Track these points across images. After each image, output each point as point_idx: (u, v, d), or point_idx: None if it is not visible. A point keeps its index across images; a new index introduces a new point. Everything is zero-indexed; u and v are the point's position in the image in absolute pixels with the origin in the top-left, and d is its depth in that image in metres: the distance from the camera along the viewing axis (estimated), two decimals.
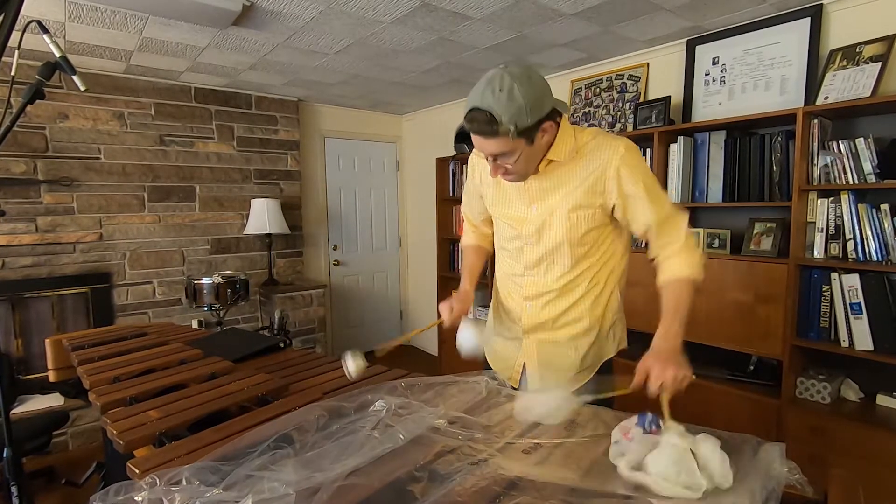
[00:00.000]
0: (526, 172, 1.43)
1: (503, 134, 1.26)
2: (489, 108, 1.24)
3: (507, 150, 1.31)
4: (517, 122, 1.25)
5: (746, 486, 0.88)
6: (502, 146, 1.30)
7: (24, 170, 3.41)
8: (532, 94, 1.26)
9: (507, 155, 1.33)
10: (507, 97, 1.23)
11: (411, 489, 0.93)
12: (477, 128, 1.29)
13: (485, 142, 1.31)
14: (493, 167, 1.39)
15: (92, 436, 3.46)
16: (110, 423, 1.31)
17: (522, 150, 1.32)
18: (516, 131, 1.26)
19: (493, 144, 1.31)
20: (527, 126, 1.27)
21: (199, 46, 3.18)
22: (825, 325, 2.36)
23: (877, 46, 2.33)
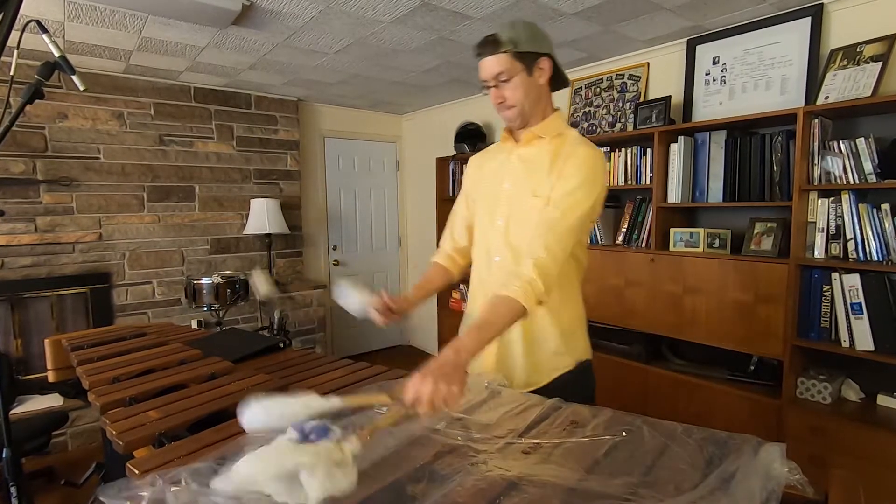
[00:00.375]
0: (521, 107, 1.49)
1: (504, 50, 1.40)
2: (494, 33, 1.42)
3: (506, 70, 1.43)
4: (517, 42, 1.40)
5: (746, 486, 0.86)
6: (503, 64, 1.42)
7: (24, 170, 3.40)
8: (532, 30, 1.44)
9: (507, 77, 1.44)
10: (509, 26, 1.43)
11: (411, 490, 0.92)
12: (482, 49, 1.44)
13: (488, 61, 1.44)
14: (494, 95, 1.49)
15: (91, 436, 3.46)
16: (110, 424, 1.30)
17: (520, 76, 1.44)
18: (515, 50, 1.40)
19: (494, 62, 1.43)
20: (525, 50, 1.42)
21: (199, 46, 3.18)
22: (826, 325, 2.36)
23: (877, 46, 2.33)
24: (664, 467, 0.97)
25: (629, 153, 3.18)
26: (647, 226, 3.06)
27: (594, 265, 3.26)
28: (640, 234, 3.13)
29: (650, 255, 2.95)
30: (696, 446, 1.03)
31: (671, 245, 2.90)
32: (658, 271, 2.91)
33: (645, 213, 3.10)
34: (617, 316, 3.15)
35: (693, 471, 0.95)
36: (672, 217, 3.02)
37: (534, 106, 1.50)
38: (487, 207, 1.61)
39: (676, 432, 1.08)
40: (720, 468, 0.93)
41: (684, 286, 2.80)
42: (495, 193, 1.59)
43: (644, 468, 0.97)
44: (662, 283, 2.89)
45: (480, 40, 1.45)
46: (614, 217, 3.38)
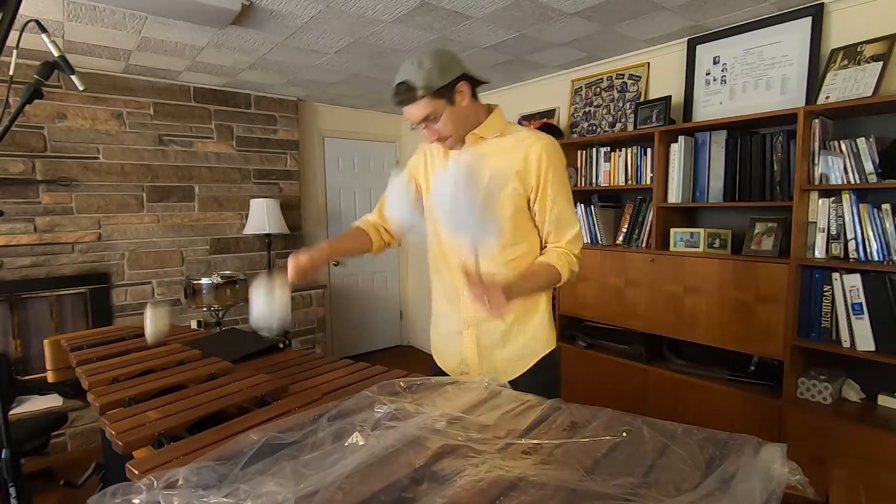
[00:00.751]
0: (458, 134, 1.53)
1: (420, 96, 1.42)
2: (405, 79, 1.43)
3: (430, 112, 1.45)
4: (430, 83, 1.41)
5: (747, 486, 0.86)
6: (425, 108, 1.45)
7: (23, 170, 3.39)
8: (439, 61, 1.44)
9: (433, 117, 1.47)
10: (416, 67, 1.42)
11: (411, 491, 0.92)
12: (400, 98, 1.45)
13: (410, 108, 1.46)
14: (428, 134, 1.52)
15: (90, 436, 3.45)
16: (109, 424, 1.29)
17: (444, 109, 1.46)
18: (432, 91, 1.42)
19: (417, 108, 1.45)
20: (440, 85, 1.43)
21: (198, 46, 3.17)
22: (826, 326, 2.35)
23: (878, 46, 2.32)
24: (664, 468, 0.97)
25: (629, 153, 3.18)
26: (648, 226, 3.06)
27: (594, 265, 3.25)
28: (640, 234, 3.13)
29: (650, 255, 2.94)
30: (697, 447, 1.02)
31: (671, 245, 2.90)
32: (658, 271, 2.90)
33: (645, 213, 3.10)
34: (617, 316, 3.15)
35: (693, 471, 0.95)
36: (672, 217, 3.02)
37: (467, 125, 1.54)
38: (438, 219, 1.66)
39: (677, 433, 1.08)
40: (720, 469, 0.93)
41: (685, 286, 2.79)
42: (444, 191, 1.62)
43: (644, 469, 0.97)
44: (663, 283, 2.89)
45: (394, 89, 1.45)
46: (614, 217, 3.38)
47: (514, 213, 1.55)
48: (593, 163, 3.40)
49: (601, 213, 3.34)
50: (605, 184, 3.34)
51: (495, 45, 3.22)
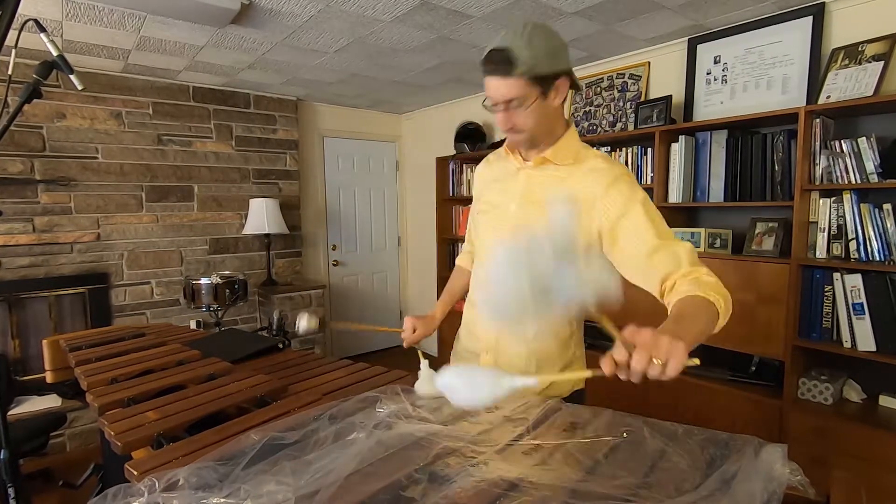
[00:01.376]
0: (533, 134, 1.34)
1: (519, 74, 1.22)
2: (508, 47, 1.21)
3: (519, 95, 1.25)
4: (534, 64, 1.21)
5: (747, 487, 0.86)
6: (516, 89, 1.24)
7: (21, 169, 3.39)
8: (551, 44, 1.24)
9: (519, 102, 1.26)
10: (527, 40, 1.21)
11: (411, 491, 0.91)
12: (493, 68, 1.24)
13: (500, 82, 1.25)
14: (502, 118, 1.31)
15: (89, 437, 3.45)
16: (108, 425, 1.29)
17: (535, 101, 1.26)
18: (532, 74, 1.22)
19: (507, 86, 1.24)
20: (543, 73, 1.23)
21: (198, 45, 3.16)
22: (827, 326, 2.35)
23: (879, 45, 2.32)
24: (665, 468, 0.97)
25: (630, 153, 3.17)
26: None
27: None
28: None
29: None
30: (697, 447, 1.02)
31: None
32: None
33: None
34: (618, 316, 3.12)
35: (694, 472, 0.95)
36: (673, 217, 3.00)
37: (546, 130, 1.36)
38: (492, 229, 1.52)
39: (677, 433, 1.08)
40: (721, 469, 0.92)
41: None
42: (501, 215, 1.48)
43: (645, 469, 0.97)
44: None
45: (490, 53, 1.24)
46: None
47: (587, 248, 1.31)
48: None
49: None
50: None
51: None
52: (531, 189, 1.42)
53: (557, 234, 1.02)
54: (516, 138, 1.37)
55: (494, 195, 1.53)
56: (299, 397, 1.46)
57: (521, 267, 0.99)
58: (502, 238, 1.44)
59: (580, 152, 1.39)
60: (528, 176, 1.43)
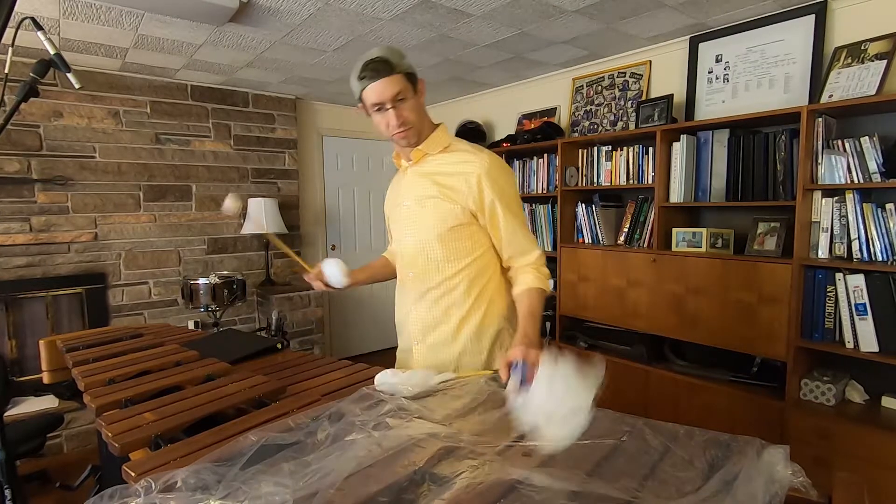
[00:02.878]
0: (417, 126, 1.55)
1: (398, 71, 1.44)
2: (381, 56, 1.43)
3: (402, 89, 1.46)
4: (403, 65, 1.46)
5: (749, 489, 0.86)
6: (399, 83, 1.45)
7: (18, 168, 3.37)
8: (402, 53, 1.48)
9: (403, 95, 1.47)
10: (389, 49, 1.46)
11: (410, 492, 0.91)
12: (376, 73, 1.42)
13: (385, 83, 1.43)
14: (394, 115, 1.48)
15: (87, 438, 3.43)
16: (105, 426, 1.27)
17: (411, 95, 1.49)
18: (405, 72, 1.46)
19: (391, 84, 1.44)
20: (410, 71, 1.48)
21: (196, 44, 3.15)
22: (830, 326, 2.34)
23: (882, 44, 2.31)
24: (666, 470, 0.97)
25: (631, 152, 3.16)
26: (649, 226, 3.05)
27: (595, 265, 3.24)
28: (641, 233, 3.11)
29: (652, 256, 2.93)
30: (699, 448, 1.02)
31: (673, 245, 2.88)
32: (660, 271, 2.89)
33: (647, 213, 3.09)
34: (618, 317, 3.13)
35: (695, 473, 0.94)
36: (674, 217, 3.00)
37: (422, 123, 1.58)
38: (398, 228, 1.72)
39: (678, 434, 1.08)
40: (723, 471, 0.92)
41: (686, 286, 2.77)
42: (400, 214, 1.69)
43: (646, 471, 0.97)
44: (664, 283, 2.87)
45: (367, 63, 1.44)
46: (616, 217, 3.36)
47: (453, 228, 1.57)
48: (594, 162, 3.38)
49: (602, 213, 3.33)
50: (607, 183, 3.32)
51: (496, 43, 3.20)
52: (419, 183, 1.62)
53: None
54: (408, 134, 1.55)
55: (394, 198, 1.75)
56: (298, 398, 1.45)
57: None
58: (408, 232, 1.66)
59: (452, 143, 1.63)
60: (414, 172, 1.64)
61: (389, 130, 1.53)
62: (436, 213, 1.57)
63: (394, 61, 1.43)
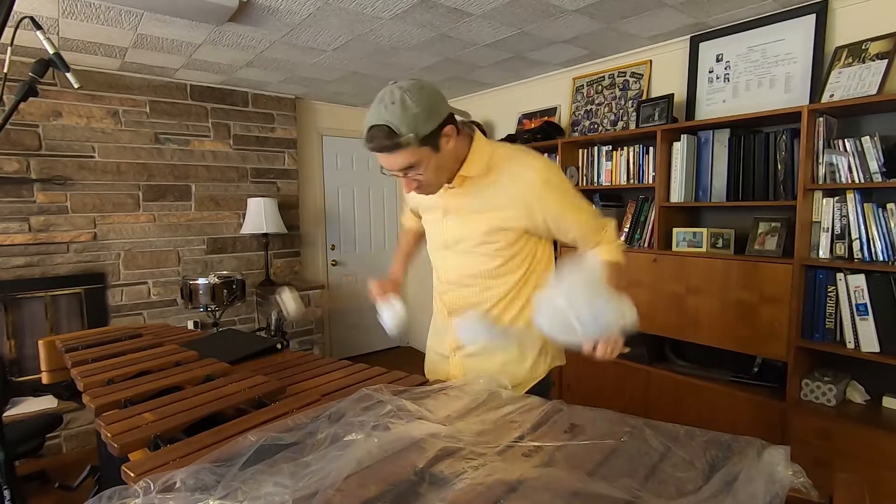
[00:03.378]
0: (439, 183, 1.41)
1: (405, 144, 1.24)
2: (386, 122, 1.23)
3: (414, 162, 1.29)
4: (416, 129, 1.23)
5: (750, 489, 0.86)
6: (408, 158, 1.28)
7: (17, 168, 3.36)
8: (425, 101, 1.25)
9: (416, 166, 1.31)
10: (400, 108, 1.22)
11: (410, 493, 0.91)
12: (378, 145, 1.26)
13: (390, 157, 1.29)
14: (405, 183, 1.37)
15: (86, 439, 3.42)
16: (104, 426, 1.27)
17: (430, 158, 1.31)
18: (418, 139, 1.24)
19: (398, 158, 1.28)
20: (427, 132, 1.25)
21: (195, 43, 3.14)
22: (830, 327, 2.34)
23: (883, 43, 2.31)
24: (666, 470, 0.96)
25: (631, 152, 3.16)
26: (650, 225, 3.04)
27: None
28: (642, 233, 3.11)
29: (653, 255, 2.92)
30: (699, 449, 1.02)
31: (674, 245, 2.88)
32: (661, 271, 2.88)
33: (647, 213, 3.08)
34: None
35: (696, 474, 0.94)
36: (675, 217, 2.99)
37: (451, 170, 1.41)
38: (436, 235, 1.60)
39: (679, 435, 1.08)
40: (723, 471, 0.92)
41: (687, 286, 2.77)
42: (438, 221, 1.57)
43: (646, 471, 0.96)
44: (665, 283, 2.86)
45: (370, 132, 1.26)
46: (616, 217, 3.35)
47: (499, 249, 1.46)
48: (595, 162, 3.38)
49: (603, 213, 3.30)
50: (607, 183, 3.32)
51: (496, 43, 3.20)
52: (459, 202, 1.48)
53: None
54: (424, 192, 1.42)
55: (431, 206, 1.58)
56: (298, 398, 1.44)
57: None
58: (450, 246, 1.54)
59: (493, 156, 1.44)
60: (454, 193, 1.48)
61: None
62: (482, 228, 1.45)
63: (402, 132, 1.22)
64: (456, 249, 1.53)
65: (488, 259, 1.48)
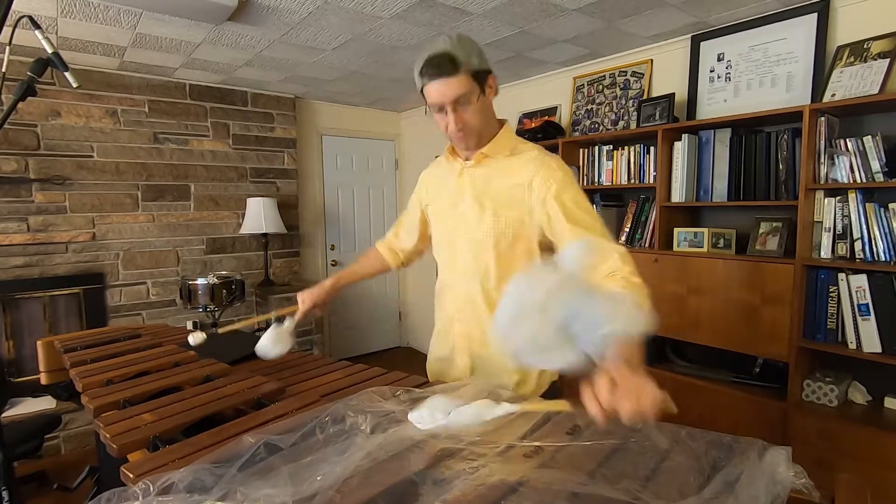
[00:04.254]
0: (480, 129, 1.44)
1: (464, 71, 1.32)
2: (447, 51, 1.31)
3: (466, 91, 1.34)
4: (472, 62, 1.33)
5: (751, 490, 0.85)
6: (463, 86, 1.33)
7: (16, 168, 3.35)
8: (476, 47, 1.37)
9: (466, 99, 1.35)
10: (458, 42, 1.33)
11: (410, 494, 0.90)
12: (438, 71, 1.31)
13: (447, 83, 1.33)
14: (454, 119, 1.38)
15: (84, 439, 3.41)
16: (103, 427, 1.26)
17: (477, 97, 1.37)
18: (473, 70, 1.33)
19: (455, 84, 1.32)
20: (479, 69, 1.35)
21: (194, 42, 3.13)
22: (832, 327, 2.33)
23: (885, 42, 2.30)
24: (667, 471, 0.96)
25: (632, 151, 3.15)
26: (651, 225, 3.03)
27: None
28: (643, 233, 3.10)
29: (653, 256, 2.91)
30: (700, 450, 1.01)
31: (675, 245, 2.87)
32: (661, 272, 2.87)
33: (648, 213, 3.07)
34: None
35: (697, 475, 0.94)
36: (676, 216, 2.99)
37: (488, 126, 1.46)
38: (443, 229, 1.61)
39: (680, 435, 1.07)
40: (724, 472, 0.92)
41: (688, 287, 2.76)
42: (448, 215, 1.58)
43: (647, 472, 0.96)
44: (666, 283, 2.86)
45: (431, 58, 1.32)
46: (617, 216, 3.35)
47: (512, 241, 1.45)
48: (595, 161, 3.37)
49: (603, 213, 3.31)
50: (608, 183, 3.31)
51: (496, 42, 3.19)
52: (477, 186, 1.50)
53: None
54: (467, 138, 1.44)
55: (444, 197, 1.60)
56: (297, 399, 1.43)
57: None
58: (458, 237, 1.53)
59: (517, 146, 1.49)
60: (472, 174, 1.51)
61: (448, 132, 1.43)
62: (494, 222, 1.45)
63: (461, 59, 1.31)
64: (466, 238, 1.52)
65: (497, 251, 1.47)
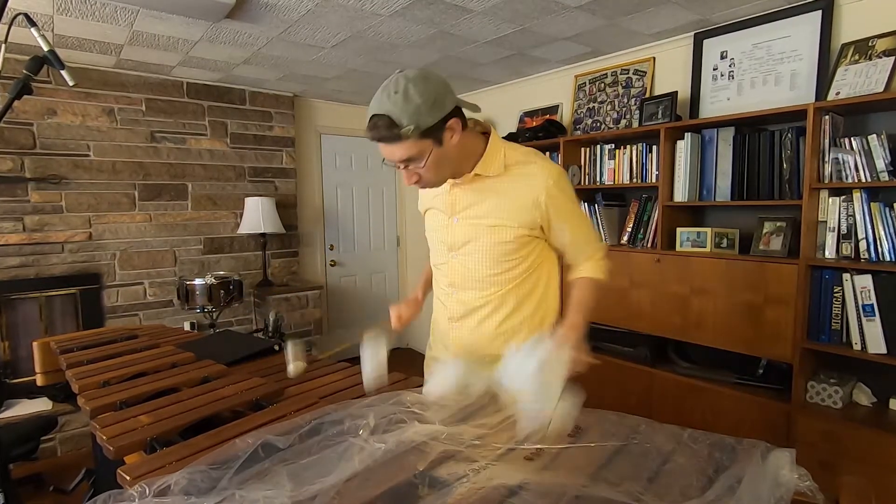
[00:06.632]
0: (440, 178, 1.39)
1: (405, 136, 1.22)
2: (387, 113, 1.20)
3: (414, 154, 1.26)
4: (418, 121, 1.20)
5: (754, 493, 0.86)
6: (409, 149, 1.25)
7: (11, 167, 3.33)
8: (429, 92, 1.22)
9: (417, 159, 1.28)
10: (402, 98, 1.19)
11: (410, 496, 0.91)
12: (378, 134, 1.24)
13: (390, 148, 1.26)
14: (405, 175, 1.34)
15: (81, 441, 3.39)
16: (100, 429, 1.27)
17: (431, 151, 1.27)
18: (419, 131, 1.22)
19: (398, 149, 1.26)
20: (429, 125, 1.23)
21: (192, 40, 3.11)
22: (836, 328, 2.31)
23: (890, 40, 2.29)
24: (670, 473, 0.97)
25: (634, 150, 3.13)
26: (653, 225, 3.02)
27: None
28: (645, 233, 3.08)
29: (656, 256, 2.90)
30: (703, 452, 1.03)
31: (677, 245, 2.85)
32: (664, 272, 2.86)
33: (651, 212, 3.06)
34: (621, 318, 3.10)
35: (699, 477, 0.95)
36: (678, 216, 2.97)
37: (459, 164, 1.39)
38: (440, 238, 1.59)
39: (682, 437, 1.08)
40: (727, 474, 0.93)
41: (691, 287, 2.74)
42: (442, 225, 1.56)
43: (649, 474, 0.97)
44: (668, 283, 2.84)
45: (371, 120, 1.23)
46: (619, 216, 3.33)
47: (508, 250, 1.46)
48: (597, 160, 3.35)
49: (605, 212, 3.30)
50: (610, 182, 3.29)
51: (497, 40, 3.17)
52: (469, 203, 1.47)
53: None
54: (428, 186, 1.40)
55: (440, 206, 1.56)
56: (295, 401, 1.45)
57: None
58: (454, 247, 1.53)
59: (509, 156, 1.43)
60: (464, 191, 1.47)
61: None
62: (490, 232, 1.44)
63: (403, 123, 1.19)
64: (463, 251, 1.51)
65: (494, 262, 1.47)
